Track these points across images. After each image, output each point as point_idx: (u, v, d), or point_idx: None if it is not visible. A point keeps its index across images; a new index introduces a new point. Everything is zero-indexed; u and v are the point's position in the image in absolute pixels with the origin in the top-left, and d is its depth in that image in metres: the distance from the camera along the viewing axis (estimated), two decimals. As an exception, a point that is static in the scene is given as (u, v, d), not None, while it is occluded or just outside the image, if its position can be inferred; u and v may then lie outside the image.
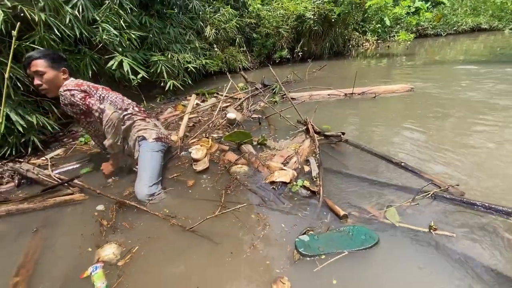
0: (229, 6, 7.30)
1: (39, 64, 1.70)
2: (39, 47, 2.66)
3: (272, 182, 1.67)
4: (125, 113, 1.93)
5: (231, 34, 7.22)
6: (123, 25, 3.73)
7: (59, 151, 2.67)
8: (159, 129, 2.10)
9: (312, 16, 7.76)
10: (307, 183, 1.62)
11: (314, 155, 2.05)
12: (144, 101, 4.53)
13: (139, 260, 1.27)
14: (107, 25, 3.26)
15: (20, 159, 2.69)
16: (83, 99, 1.74)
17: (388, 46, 11.03)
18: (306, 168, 1.87)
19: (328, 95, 3.80)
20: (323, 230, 1.35)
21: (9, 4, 2.35)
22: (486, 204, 1.41)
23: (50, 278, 1.22)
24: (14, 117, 2.49)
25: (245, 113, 3.29)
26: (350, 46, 10.77)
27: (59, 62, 1.80)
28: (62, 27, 2.70)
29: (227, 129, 2.82)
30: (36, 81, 1.74)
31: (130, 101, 2.10)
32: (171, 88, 4.60)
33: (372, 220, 1.40)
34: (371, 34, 10.68)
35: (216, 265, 1.22)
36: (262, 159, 2.03)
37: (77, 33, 2.93)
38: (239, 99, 3.98)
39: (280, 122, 2.82)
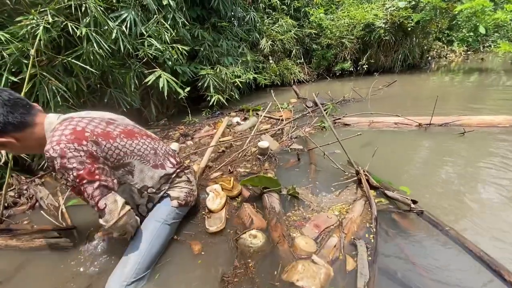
0: (288, 17, 6.94)
1: None
2: (82, 64, 2.70)
3: (292, 284, 1.08)
4: (159, 174, 1.39)
5: (288, 46, 6.83)
6: (172, 39, 3.68)
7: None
8: (192, 186, 1.58)
9: (383, 25, 6.78)
10: None
11: (367, 232, 1.38)
12: (190, 115, 4.44)
13: None
14: (152, 39, 3.20)
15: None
16: (78, 174, 1.05)
17: (482, 59, 9.00)
18: (350, 264, 1.18)
19: (395, 123, 2.98)
20: None
21: (50, 18, 2.40)
22: None
23: None
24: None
25: (284, 141, 2.79)
26: (430, 57, 9.17)
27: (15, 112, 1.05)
28: (103, 42, 2.68)
29: (257, 161, 2.37)
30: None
31: (165, 147, 1.51)
32: (215, 103, 4.41)
33: None
34: (458, 44, 8.89)
35: None
36: (288, 224, 1.49)
37: (122, 48, 2.91)
38: (281, 120, 3.50)
39: (325, 161, 2.22)
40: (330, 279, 1.11)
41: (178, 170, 1.50)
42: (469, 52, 10.32)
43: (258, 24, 6.10)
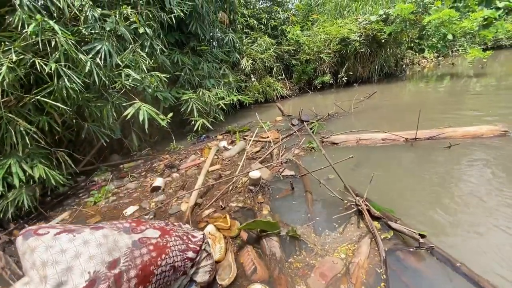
0: (266, 36, 7.05)
1: None
2: (54, 102, 2.52)
3: None
4: (184, 280, 1.23)
5: (268, 64, 6.89)
6: (151, 66, 3.58)
7: (64, 215, 2.41)
8: (212, 258, 1.39)
9: (358, 38, 7.02)
10: None
11: (377, 278, 1.27)
12: (174, 142, 4.28)
13: None
14: (129, 70, 3.07)
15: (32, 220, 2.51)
16: None
17: (453, 63, 9.52)
18: None
19: (383, 140, 2.98)
20: None
21: (14, 57, 2.24)
22: None
23: None
24: (16, 169, 2.32)
25: (274, 166, 2.70)
26: (404, 65, 9.58)
27: None
28: (75, 77, 2.53)
29: (250, 193, 2.25)
30: None
31: (179, 243, 1.23)
32: (199, 128, 4.29)
33: None
34: (429, 50, 9.37)
35: None
36: (292, 273, 1.37)
37: (97, 81, 2.77)
38: (269, 142, 3.42)
39: (321, 188, 2.13)
40: None
41: (198, 258, 1.28)
42: (439, 58, 10.90)
43: (237, 45, 6.12)
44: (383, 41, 7.12)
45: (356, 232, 1.58)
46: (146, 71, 3.46)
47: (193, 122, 4.42)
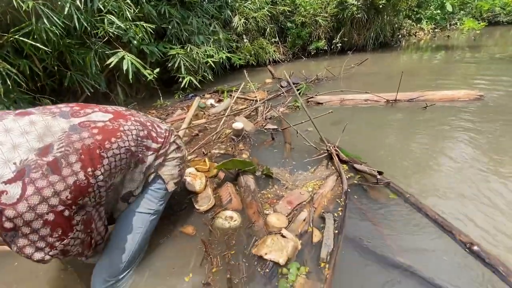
0: (261, -7, 6.69)
1: None
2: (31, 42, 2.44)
3: (260, 257, 1.12)
4: (140, 170, 1.10)
5: (261, 24, 6.63)
6: (136, 16, 3.42)
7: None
8: (182, 152, 1.29)
9: (356, 2, 6.77)
10: (300, 280, 1.00)
11: (337, 206, 1.43)
12: (161, 98, 4.26)
13: None
14: (113, 16, 2.94)
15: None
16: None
17: (448, 36, 9.39)
18: (317, 236, 1.22)
19: (365, 100, 3.07)
20: None
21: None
22: None
23: None
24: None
25: (258, 121, 2.78)
26: (400, 36, 9.40)
27: None
28: (55, 18, 2.42)
29: (232, 142, 2.35)
30: None
31: (136, 126, 1.08)
32: (187, 85, 4.25)
33: None
34: (427, 22, 9.16)
35: None
36: (263, 200, 1.52)
37: (77, 25, 2.66)
38: (256, 101, 3.46)
39: (299, 139, 2.25)
40: (297, 251, 1.16)
41: (164, 149, 1.16)
42: (436, 30, 10.70)
43: (230, 1, 5.82)
44: (381, 7, 6.89)
45: (325, 172, 1.73)
46: (131, 19, 3.32)
47: (180, 79, 4.35)
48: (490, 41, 8.09)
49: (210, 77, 4.81)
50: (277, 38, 7.47)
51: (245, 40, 6.56)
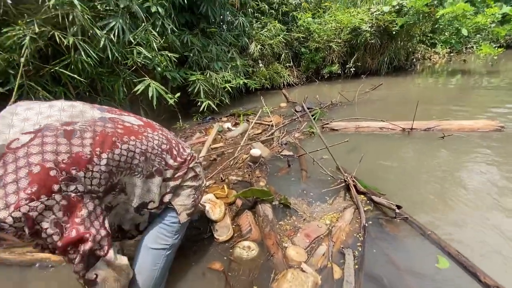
0: (277, 21, 7.02)
1: None
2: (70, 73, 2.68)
3: None
4: (157, 183, 1.09)
5: (277, 50, 6.90)
6: (161, 45, 3.69)
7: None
8: (199, 181, 1.29)
9: (369, 29, 6.95)
10: None
11: (356, 240, 1.44)
12: (180, 121, 4.45)
13: None
14: (141, 48, 3.20)
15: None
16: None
17: (464, 60, 9.35)
18: (337, 272, 1.22)
19: (380, 128, 3.09)
20: None
21: (36, 29, 2.38)
22: None
23: None
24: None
25: (274, 147, 2.85)
26: (415, 59, 9.45)
27: None
28: (91, 51, 2.67)
29: (249, 168, 2.41)
30: None
31: (158, 140, 1.11)
32: (206, 108, 4.43)
33: None
34: (441, 45, 9.20)
35: None
36: (281, 231, 1.54)
37: (110, 56, 2.91)
38: (271, 126, 3.56)
39: (315, 166, 2.28)
40: (317, 287, 1.16)
41: (181, 172, 1.16)
42: (452, 54, 10.69)
43: (247, 29, 6.15)
44: (394, 33, 7.04)
45: (342, 204, 1.74)
46: (156, 49, 3.58)
47: (199, 103, 4.56)
48: (509, 65, 7.98)
49: (227, 101, 5.00)
50: (291, 62, 7.72)
51: (260, 65, 6.82)
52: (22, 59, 2.26)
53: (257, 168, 2.41)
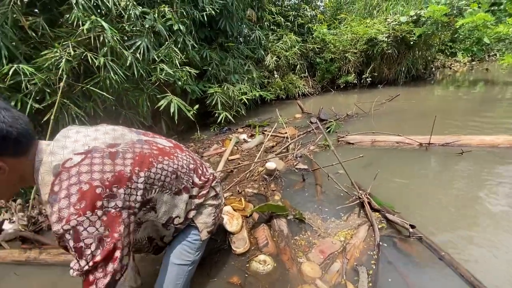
0: (292, 33, 7.16)
1: None
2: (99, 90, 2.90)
3: None
4: (184, 199, 1.18)
5: (292, 61, 7.02)
6: (181, 62, 3.89)
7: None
8: (219, 200, 1.38)
9: (386, 39, 6.93)
10: None
11: (369, 258, 1.47)
12: (198, 131, 4.62)
13: None
14: (164, 65, 3.40)
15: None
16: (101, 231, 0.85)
17: (487, 69, 9.04)
18: None
19: (397, 143, 3.08)
20: None
21: (72, 51, 2.62)
22: None
23: None
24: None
25: (289, 160, 2.92)
26: (434, 68, 9.25)
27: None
28: (118, 69, 2.89)
29: (264, 181, 2.49)
30: None
31: (186, 160, 1.22)
32: (222, 120, 4.58)
33: None
34: (462, 54, 8.96)
35: None
36: (296, 247, 1.60)
37: (136, 73, 3.12)
38: (286, 138, 3.63)
39: (330, 182, 2.32)
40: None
41: (205, 191, 1.26)
42: (473, 62, 10.37)
43: (263, 41, 6.32)
44: (412, 43, 6.96)
45: (356, 221, 1.77)
46: (178, 65, 3.78)
47: (216, 114, 4.72)
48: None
49: (243, 112, 5.14)
50: (306, 73, 7.80)
51: (275, 76, 6.95)
52: (63, 80, 2.49)
53: (272, 181, 2.48)
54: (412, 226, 1.55)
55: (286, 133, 3.87)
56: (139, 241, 1.15)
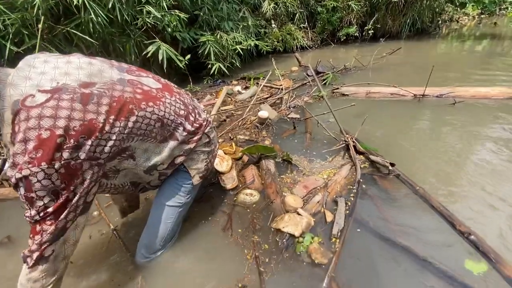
0: (292, -24, 6.55)
1: None
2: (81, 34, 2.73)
3: (278, 230, 1.31)
4: (170, 146, 1.08)
5: (291, 9, 6.54)
6: (169, 4, 3.60)
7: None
8: (212, 146, 1.29)
9: (393, -14, 6.39)
10: (314, 245, 1.19)
11: (349, 192, 1.56)
12: (191, 83, 4.50)
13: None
14: (150, 7, 3.16)
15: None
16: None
17: (495, 23, 8.56)
18: (329, 216, 1.37)
19: (391, 94, 3.05)
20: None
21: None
22: None
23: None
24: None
25: (282, 110, 2.91)
26: (441, 21, 8.73)
27: None
28: (99, 10, 2.68)
29: (256, 129, 2.52)
30: None
31: (175, 105, 1.08)
32: (216, 71, 4.43)
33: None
34: (473, 6, 8.39)
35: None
36: (282, 184, 1.69)
37: (119, 16, 2.91)
38: (281, 89, 3.57)
39: (320, 129, 2.36)
40: (310, 227, 1.33)
41: (197, 137, 1.16)
42: (483, 16, 9.78)
43: (260, -15, 5.80)
44: (420, -10, 6.45)
45: (341, 162, 1.86)
46: (166, 8, 3.51)
47: (209, 65, 4.54)
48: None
49: (238, 64, 4.95)
50: (306, 23, 7.33)
51: (273, 26, 6.54)
52: (41, 20, 2.31)
53: (263, 129, 2.50)
54: (392, 164, 1.62)
55: (281, 85, 3.79)
56: (120, 186, 1.09)
